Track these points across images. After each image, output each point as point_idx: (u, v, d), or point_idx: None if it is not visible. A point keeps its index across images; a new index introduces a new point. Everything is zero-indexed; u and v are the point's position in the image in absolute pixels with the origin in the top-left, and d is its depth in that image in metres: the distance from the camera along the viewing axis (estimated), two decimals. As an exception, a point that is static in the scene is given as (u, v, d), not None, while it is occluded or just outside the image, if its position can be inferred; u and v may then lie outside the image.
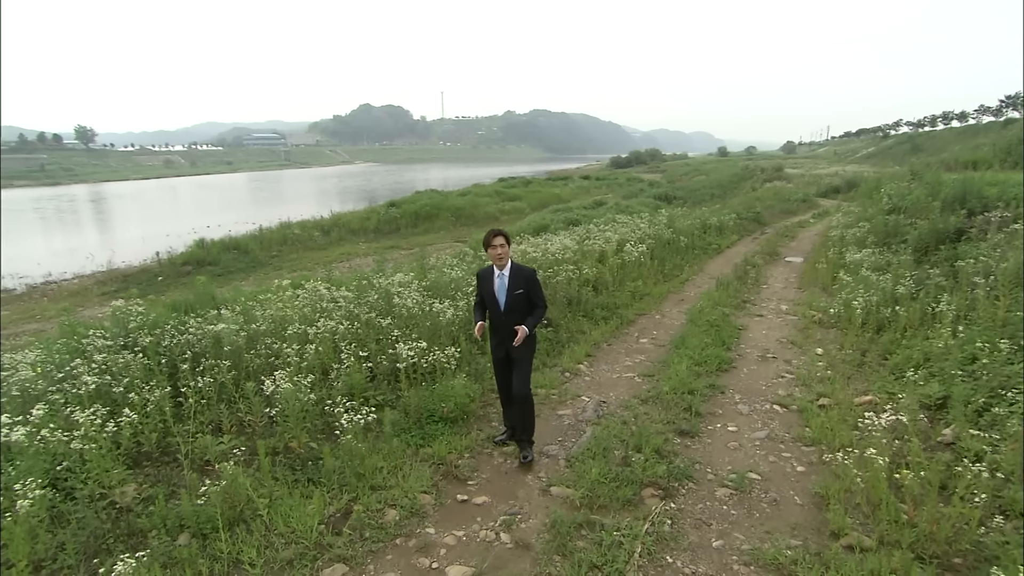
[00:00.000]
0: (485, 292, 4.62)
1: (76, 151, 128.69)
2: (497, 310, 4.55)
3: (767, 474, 4.45)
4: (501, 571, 3.35)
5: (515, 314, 4.50)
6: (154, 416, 4.28)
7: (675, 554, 3.54)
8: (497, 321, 4.57)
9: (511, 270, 4.55)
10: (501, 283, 4.54)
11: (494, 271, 4.58)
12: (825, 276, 10.74)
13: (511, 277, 4.52)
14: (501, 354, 4.64)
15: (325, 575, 3.32)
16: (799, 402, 5.69)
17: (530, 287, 4.56)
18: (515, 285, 4.51)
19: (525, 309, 4.55)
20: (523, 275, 4.56)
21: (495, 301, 4.54)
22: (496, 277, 4.56)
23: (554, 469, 4.53)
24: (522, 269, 4.61)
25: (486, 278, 4.64)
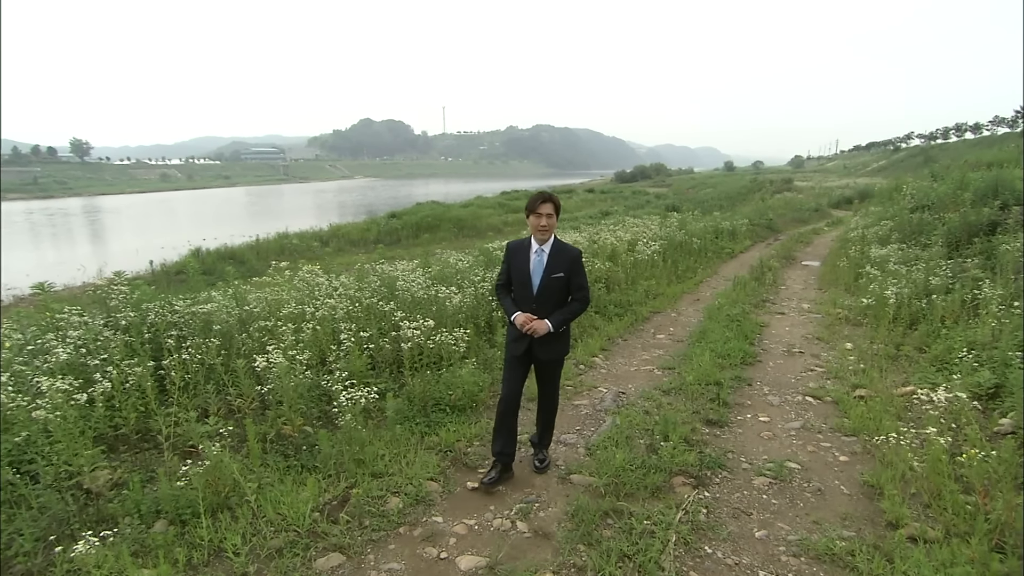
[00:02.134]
0: (516, 269, 3.76)
1: (71, 164, 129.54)
2: (527, 293, 3.71)
3: (807, 463, 4.14)
4: (519, 561, 3.02)
5: (547, 302, 3.69)
6: (133, 394, 3.97)
7: (714, 544, 3.21)
8: (526, 307, 3.73)
9: (553, 246, 3.71)
10: (539, 260, 3.70)
11: (531, 245, 3.74)
12: (847, 275, 10.46)
13: (552, 255, 3.69)
14: (519, 351, 3.71)
15: (319, 565, 2.99)
16: (833, 393, 5.39)
17: (574, 272, 3.71)
18: (555, 266, 3.68)
19: (559, 299, 3.74)
20: (568, 255, 3.71)
21: (527, 282, 3.70)
22: (533, 253, 3.72)
23: (573, 457, 4.21)
24: (567, 248, 3.75)
25: (520, 251, 3.79)
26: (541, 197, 3.68)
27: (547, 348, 3.72)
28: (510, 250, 3.87)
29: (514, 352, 3.76)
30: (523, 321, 3.64)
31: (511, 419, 3.79)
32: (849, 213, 25.46)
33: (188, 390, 4.21)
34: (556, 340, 3.74)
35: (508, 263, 3.86)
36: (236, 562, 2.93)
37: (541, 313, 3.66)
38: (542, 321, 3.63)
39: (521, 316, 3.66)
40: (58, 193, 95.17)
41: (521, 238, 3.90)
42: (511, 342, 3.80)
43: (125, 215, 57.76)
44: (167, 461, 3.67)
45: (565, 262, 3.70)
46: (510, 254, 3.86)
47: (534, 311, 3.67)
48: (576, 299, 3.78)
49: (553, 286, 3.68)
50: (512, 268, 3.82)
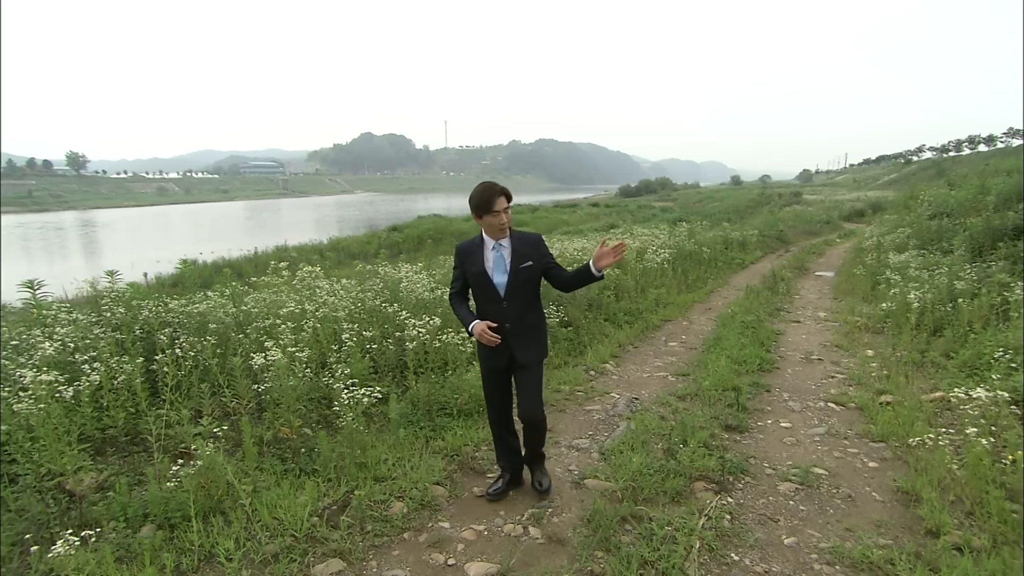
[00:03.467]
0: (474, 273, 3.31)
1: (66, 177, 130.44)
2: (494, 296, 3.28)
3: (835, 469, 3.99)
4: (532, 568, 2.87)
5: (518, 298, 3.28)
6: (122, 393, 3.84)
7: (741, 551, 3.06)
8: (494, 313, 3.27)
9: (512, 238, 3.30)
10: (499, 257, 3.27)
11: (484, 243, 3.30)
12: (864, 284, 10.34)
13: (514, 246, 3.28)
14: (501, 362, 3.33)
15: (318, 571, 2.84)
16: (857, 400, 5.24)
17: (542, 255, 3.35)
18: (521, 256, 3.27)
19: (531, 292, 3.36)
20: (530, 242, 3.34)
21: (489, 284, 3.27)
22: (490, 250, 3.28)
23: (586, 462, 4.06)
24: (526, 235, 3.37)
25: (472, 253, 3.33)
26: (493, 190, 3.18)
27: (526, 349, 3.33)
28: (461, 254, 3.39)
29: (494, 364, 3.38)
30: (480, 331, 3.20)
31: (506, 434, 3.56)
32: (861, 226, 25.40)
33: (181, 389, 4.09)
34: (534, 339, 3.37)
35: (461, 268, 3.39)
36: (228, 568, 2.79)
37: (512, 310, 3.27)
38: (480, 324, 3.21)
39: (479, 325, 3.21)
40: (53, 206, 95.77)
41: (469, 239, 3.41)
42: (487, 355, 3.38)
43: (120, 229, 58.01)
44: (157, 463, 3.53)
45: (530, 248, 3.32)
46: (461, 258, 3.39)
47: (504, 311, 3.26)
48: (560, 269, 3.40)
49: (523, 279, 3.28)
50: (468, 272, 3.35)
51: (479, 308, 3.40)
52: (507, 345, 3.28)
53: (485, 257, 3.30)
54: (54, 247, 43.86)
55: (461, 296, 3.48)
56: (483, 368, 3.48)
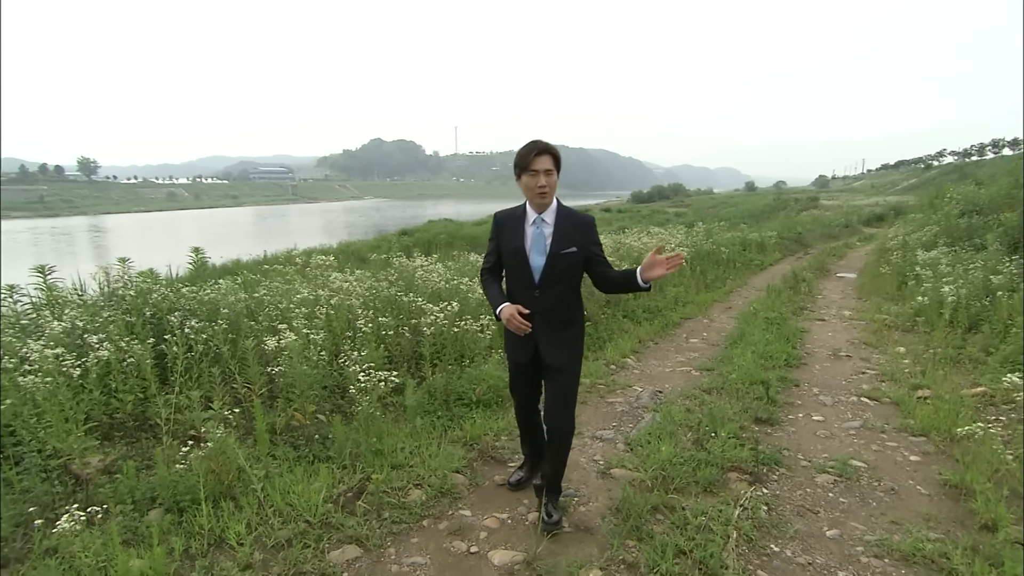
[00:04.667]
0: (508, 249, 2.89)
1: (78, 183, 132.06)
2: (527, 279, 2.83)
3: (874, 462, 3.83)
4: (560, 556, 2.74)
5: (553, 288, 2.81)
6: (131, 375, 3.76)
7: (781, 542, 2.91)
8: (524, 300, 2.83)
9: (558, 213, 2.83)
10: (539, 233, 2.82)
11: (526, 214, 2.86)
12: (890, 283, 10.14)
13: (558, 224, 2.80)
14: (525, 356, 2.93)
15: (333, 557, 2.72)
16: (892, 395, 5.08)
17: (590, 243, 2.85)
18: (564, 238, 2.79)
19: (570, 285, 2.88)
20: (579, 224, 2.84)
21: (524, 264, 2.82)
22: (530, 224, 2.83)
23: (611, 452, 3.92)
24: (576, 215, 2.88)
25: (511, 224, 2.90)
26: (536, 148, 2.74)
27: (556, 351, 2.87)
28: (498, 224, 2.98)
29: (517, 358, 3.00)
30: (510, 316, 2.77)
31: (532, 421, 3.26)
32: (881, 230, 25.08)
33: (191, 374, 4.00)
34: (568, 341, 2.91)
35: (496, 241, 2.98)
36: (239, 552, 2.68)
37: (545, 301, 2.82)
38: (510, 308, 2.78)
39: (509, 309, 2.78)
40: (64, 211, 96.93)
41: (510, 208, 3.00)
42: (511, 346, 3.01)
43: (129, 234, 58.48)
44: (166, 446, 3.43)
45: (577, 232, 2.82)
46: (498, 229, 2.97)
47: (536, 300, 2.81)
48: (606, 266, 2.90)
49: (563, 266, 2.80)
50: (503, 247, 2.93)
51: (509, 291, 2.98)
52: (533, 339, 2.85)
53: (525, 232, 2.85)
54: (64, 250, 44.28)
55: (494, 274, 3.04)
56: (508, 358, 3.15)
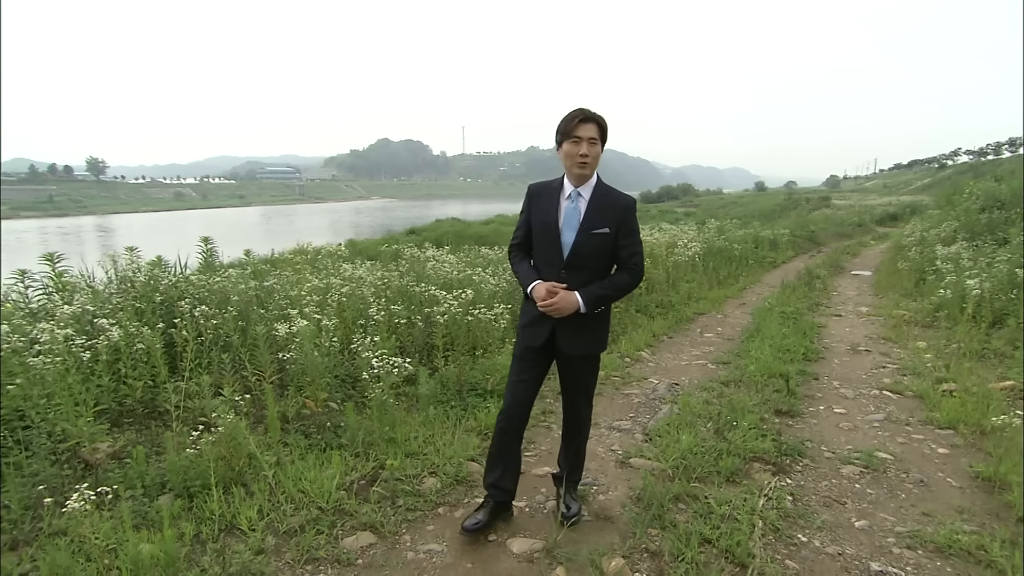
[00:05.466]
0: (540, 222, 2.68)
1: (86, 183, 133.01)
2: (554, 255, 2.62)
3: (900, 454, 3.74)
4: (581, 544, 2.67)
5: (581, 270, 2.59)
6: (140, 361, 3.72)
7: (808, 532, 2.83)
8: (548, 278, 2.62)
9: (596, 190, 2.63)
10: (574, 209, 2.61)
11: (563, 187, 2.66)
12: (908, 279, 10.00)
13: (594, 202, 2.60)
14: (538, 339, 2.67)
15: (347, 544, 2.67)
16: (915, 388, 4.98)
17: (624, 228, 2.61)
18: (598, 217, 2.58)
19: (599, 267, 2.64)
20: (618, 204, 2.62)
21: (554, 240, 2.60)
22: (565, 198, 2.63)
23: (630, 442, 3.85)
24: (616, 194, 2.66)
25: (545, 196, 2.70)
26: (581, 114, 2.54)
27: (574, 338, 2.64)
28: (532, 196, 2.76)
29: (529, 341, 2.71)
30: (544, 294, 2.55)
31: (514, 441, 2.79)
32: (895, 229, 24.84)
33: (202, 357, 3.95)
34: (588, 327, 2.65)
35: (527, 213, 2.76)
36: (251, 537, 2.63)
37: (571, 283, 2.58)
38: (569, 294, 2.54)
39: (543, 286, 2.57)
40: (72, 211, 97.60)
41: (546, 180, 2.80)
42: (525, 327, 2.74)
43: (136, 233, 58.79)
44: (176, 430, 3.39)
45: (613, 213, 2.60)
46: (531, 200, 2.75)
47: (562, 280, 2.59)
48: (626, 267, 2.64)
49: (592, 247, 2.59)
50: (534, 220, 2.72)
51: (538, 261, 2.74)
52: (551, 324, 2.63)
53: (560, 205, 2.64)
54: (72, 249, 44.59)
55: (523, 250, 2.81)
56: (518, 345, 2.81)
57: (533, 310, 2.65)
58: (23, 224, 69.38)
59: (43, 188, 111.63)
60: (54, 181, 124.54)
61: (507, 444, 2.78)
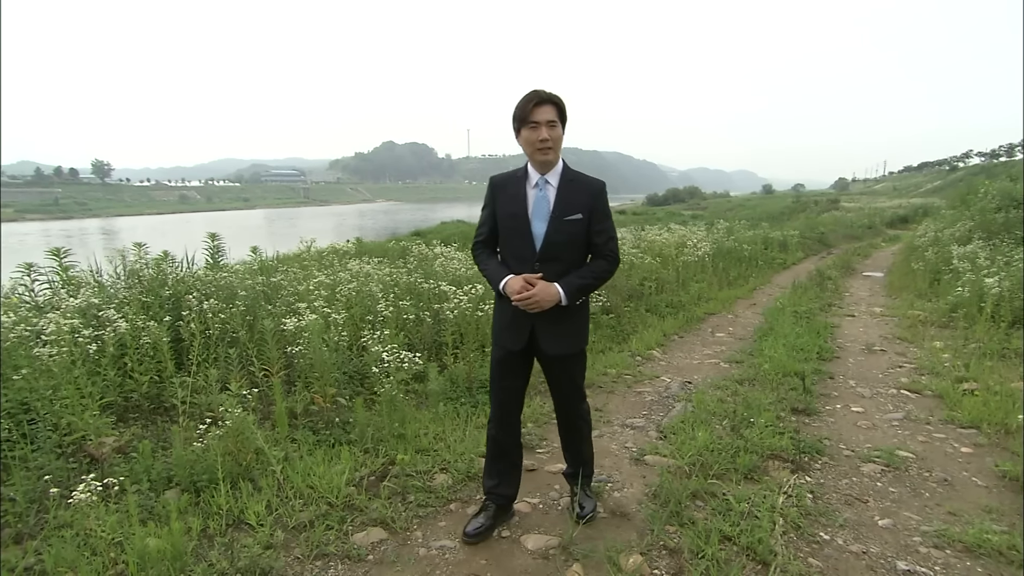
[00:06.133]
0: (506, 214, 2.51)
1: (91, 185, 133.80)
2: (526, 248, 2.46)
3: (922, 453, 3.67)
4: (597, 541, 2.62)
5: (556, 261, 2.44)
6: (147, 354, 3.69)
7: (830, 531, 2.77)
8: (523, 270, 2.45)
9: (563, 175, 2.48)
10: (542, 198, 2.46)
11: (528, 176, 2.50)
12: (922, 279, 9.90)
13: (563, 188, 2.46)
14: (518, 343, 2.51)
15: (357, 539, 2.62)
16: (934, 387, 4.90)
17: (597, 212, 2.49)
18: (569, 203, 2.44)
19: (575, 256, 2.50)
20: (588, 188, 2.49)
21: (524, 232, 2.45)
22: (532, 187, 2.48)
23: (643, 439, 3.80)
24: (584, 178, 2.52)
25: (510, 187, 2.53)
26: (536, 96, 2.37)
27: (556, 337, 2.49)
28: (495, 187, 2.59)
29: (508, 344, 2.54)
30: (519, 288, 2.37)
31: (508, 447, 2.72)
32: (906, 232, 24.68)
33: (209, 352, 3.92)
34: (570, 323, 2.52)
35: (492, 207, 2.58)
36: (259, 532, 2.59)
37: (546, 277, 2.41)
38: (548, 285, 2.38)
39: (516, 280, 2.40)
40: (77, 214, 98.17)
41: (509, 170, 2.62)
42: (502, 330, 2.57)
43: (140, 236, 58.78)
44: (183, 424, 3.36)
45: (584, 198, 2.47)
46: (495, 192, 2.58)
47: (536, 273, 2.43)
48: (601, 254, 2.51)
49: (566, 235, 2.44)
50: (500, 214, 2.54)
51: (509, 258, 2.55)
52: (529, 324, 2.47)
53: (527, 195, 2.48)
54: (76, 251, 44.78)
55: (489, 246, 2.65)
56: (495, 350, 2.65)
57: (509, 309, 2.48)
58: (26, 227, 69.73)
59: (48, 191, 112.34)
60: (59, 184, 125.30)
61: (501, 450, 2.73)
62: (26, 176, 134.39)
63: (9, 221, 75.11)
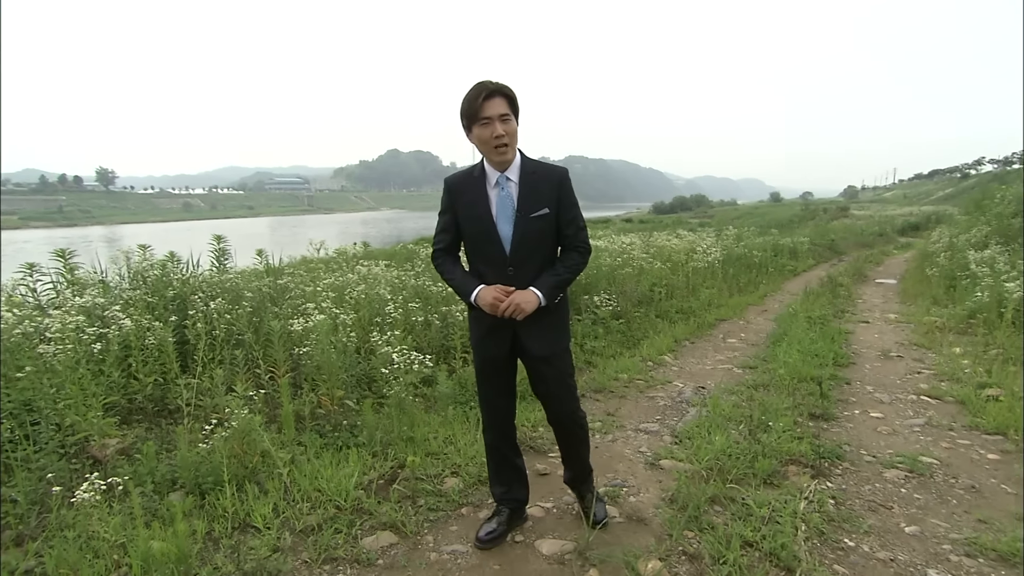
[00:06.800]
0: (469, 218, 2.40)
1: (96, 193, 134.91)
2: (495, 256, 2.35)
3: (947, 460, 3.59)
4: (614, 547, 2.55)
5: (529, 262, 2.35)
6: (152, 355, 3.65)
7: (855, 537, 2.70)
8: (494, 280, 2.35)
9: (523, 168, 2.36)
10: (506, 197, 2.34)
11: (486, 176, 2.37)
12: (937, 286, 9.81)
13: (524, 183, 2.34)
14: (501, 350, 2.44)
15: (367, 543, 2.57)
16: (955, 393, 4.82)
17: (564, 203, 2.38)
18: (534, 199, 2.33)
19: (546, 253, 2.42)
20: (550, 178, 2.37)
21: (491, 236, 2.34)
22: (493, 187, 2.35)
23: (658, 444, 3.73)
24: (545, 168, 2.40)
25: (469, 189, 2.40)
26: (483, 89, 2.23)
27: (541, 337, 2.40)
28: (452, 191, 2.44)
29: (491, 352, 2.47)
30: (493, 299, 2.29)
31: (508, 454, 2.67)
32: (918, 239, 24.54)
33: (215, 353, 3.88)
34: (553, 321, 2.43)
35: (452, 211, 2.45)
36: (266, 535, 2.54)
37: (521, 280, 2.33)
38: (526, 291, 2.30)
39: (489, 291, 2.31)
40: (81, 221, 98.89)
41: (465, 170, 2.51)
42: (481, 340, 2.48)
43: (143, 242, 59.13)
44: (188, 425, 3.32)
45: (548, 190, 2.35)
46: (453, 197, 2.44)
47: (510, 280, 2.33)
48: (572, 246, 2.42)
49: (535, 233, 2.33)
50: (462, 218, 2.41)
51: (477, 265, 2.45)
52: (511, 328, 2.39)
53: (488, 196, 2.35)
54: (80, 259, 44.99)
55: (451, 255, 2.53)
56: (477, 358, 2.56)
57: (486, 318, 2.38)
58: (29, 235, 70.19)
59: (53, 199, 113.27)
60: (64, 191, 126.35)
61: (502, 458, 2.67)
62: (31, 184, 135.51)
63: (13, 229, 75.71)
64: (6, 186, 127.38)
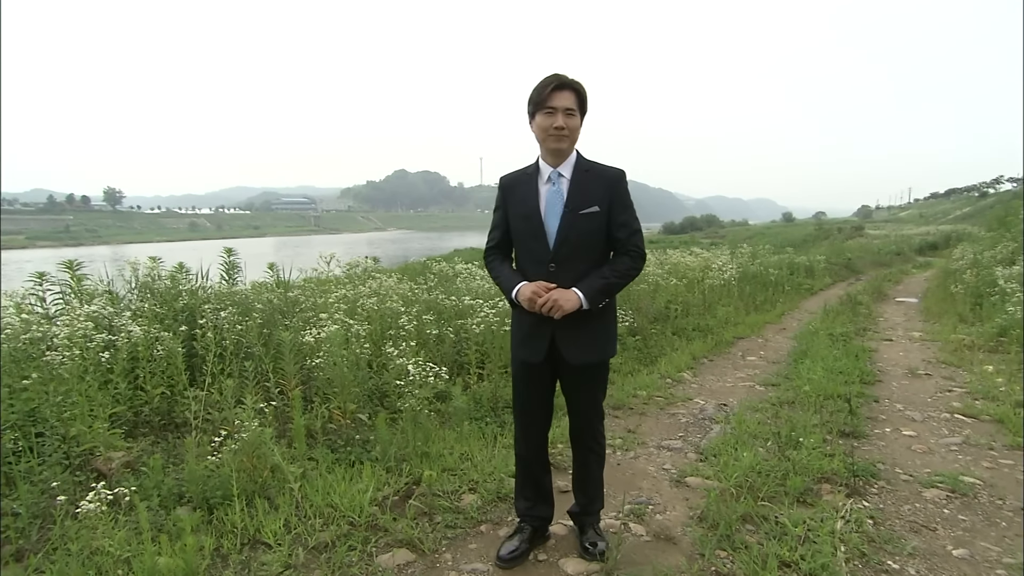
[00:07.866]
0: (518, 215, 2.38)
1: (103, 213, 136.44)
2: (540, 248, 2.30)
3: (990, 480, 3.47)
4: (643, 567, 2.45)
5: (573, 260, 2.28)
6: (160, 366, 3.60)
7: (899, 560, 2.58)
8: (536, 276, 2.30)
9: (576, 166, 2.32)
10: (556, 192, 2.30)
11: (539, 172, 2.35)
12: (962, 304, 9.67)
13: (576, 179, 2.30)
14: (537, 354, 2.35)
15: (382, 561, 2.48)
16: (992, 412, 4.69)
17: (617, 204, 2.31)
18: (584, 196, 2.28)
19: (594, 255, 2.34)
20: (604, 178, 2.32)
21: (538, 231, 2.29)
22: (545, 183, 2.33)
23: (682, 461, 3.63)
24: (601, 168, 2.35)
25: (521, 185, 2.40)
26: (555, 80, 2.23)
27: (579, 344, 2.31)
28: (506, 188, 2.46)
29: (527, 357, 2.40)
30: (531, 294, 2.24)
31: (539, 468, 2.60)
32: (937, 259, 24.32)
33: (224, 363, 3.83)
34: (594, 329, 2.34)
35: (504, 208, 2.46)
36: (277, 552, 2.45)
37: (564, 279, 2.26)
38: (567, 290, 2.23)
39: (529, 287, 2.26)
40: (88, 241, 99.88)
41: (519, 168, 2.49)
42: (520, 342, 2.43)
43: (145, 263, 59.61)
44: (196, 438, 3.25)
45: (602, 188, 2.30)
46: (506, 193, 2.45)
47: (553, 276, 2.27)
48: (624, 250, 2.32)
49: (582, 232, 2.27)
50: (511, 214, 2.42)
51: (521, 259, 2.44)
52: (549, 331, 2.31)
53: (539, 192, 2.33)
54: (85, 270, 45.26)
55: (503, 252, 2.53)
56: (514, 365, 2.51)
57: (527, 319, 2.34)
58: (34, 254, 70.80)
59: (60, 218, 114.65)
60: (71, 211, 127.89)
61: (531, 471, 2.60)
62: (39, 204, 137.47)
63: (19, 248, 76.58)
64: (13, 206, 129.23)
